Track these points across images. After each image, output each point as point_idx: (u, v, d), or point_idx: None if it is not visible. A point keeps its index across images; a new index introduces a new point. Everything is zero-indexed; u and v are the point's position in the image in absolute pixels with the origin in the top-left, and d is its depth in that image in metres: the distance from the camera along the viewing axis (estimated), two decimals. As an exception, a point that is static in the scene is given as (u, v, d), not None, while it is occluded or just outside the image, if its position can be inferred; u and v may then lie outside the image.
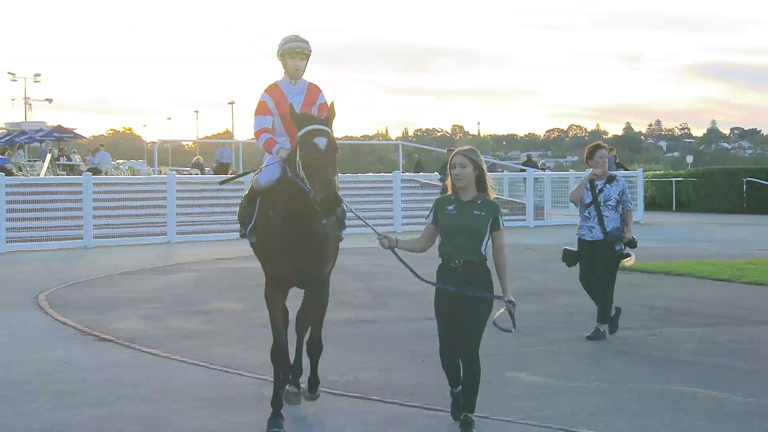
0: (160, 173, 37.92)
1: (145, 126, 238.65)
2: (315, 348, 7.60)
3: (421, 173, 35.55)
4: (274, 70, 7.93)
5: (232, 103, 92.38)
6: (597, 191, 10.65)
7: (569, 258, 10.88)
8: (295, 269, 7.14)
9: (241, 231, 7.72)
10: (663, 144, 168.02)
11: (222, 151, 39.32)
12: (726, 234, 26.73)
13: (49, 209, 24.72)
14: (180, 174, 36.72)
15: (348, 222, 7.72)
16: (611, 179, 10.74)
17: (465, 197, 6.86)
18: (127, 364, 9.76)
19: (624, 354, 10.06)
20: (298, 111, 7.20)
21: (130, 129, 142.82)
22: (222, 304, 13.53)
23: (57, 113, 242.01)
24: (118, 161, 45.23)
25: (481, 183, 6.87)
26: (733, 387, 8.46)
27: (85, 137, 64.20)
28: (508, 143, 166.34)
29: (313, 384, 7.74)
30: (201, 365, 9.52)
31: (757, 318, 12.23)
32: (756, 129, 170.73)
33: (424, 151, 61.46)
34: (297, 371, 7.96)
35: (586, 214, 10.69)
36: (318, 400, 7.85)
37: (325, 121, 6.96)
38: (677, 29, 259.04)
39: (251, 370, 9.03)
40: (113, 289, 15.22)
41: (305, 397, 7.80)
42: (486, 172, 6.92)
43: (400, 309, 12.65)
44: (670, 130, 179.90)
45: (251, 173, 7.86)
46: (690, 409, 7.75)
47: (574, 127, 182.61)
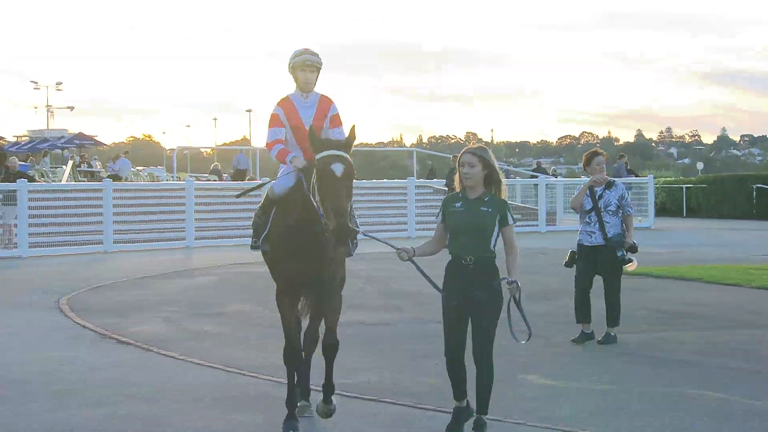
0: (179, 179, 38.06)
1: (165, 133, 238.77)
2: (330, 348, 7.31)
3: (435, 180, 35.59)
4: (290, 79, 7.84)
5: (249, 111, 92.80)
6: (597, 197, 10.64)
7: (571, 260, 10.87)
8: (304, 273, 7.10)
9: (254, 241, 7.60)
10: (674, 151, 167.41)
11: (239, 158, 39.41)
12: (735, 239, 26.66)
13: (71, 215, 24.82)
14: (198, 180, 36.84)
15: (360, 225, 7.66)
16: (610, 185, 10.74)
17: (472, 195, 6.77)
18: (146, 367, 9.84)
19: (627, 356, 10.10)
20: (311, 124, 7.22)
21: (149, 136, 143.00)
22: (237, 307, 13.59)
23: (78, 121, 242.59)
24: (137, 168, 45.39)
25: (490, 181, 6.78)
26: (734, 388, 8.51)
27: (106, 144, 64.53)
28: (520, 150, 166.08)
29: (328, 391, 7.38)
30: (216, 367, 9.60)
31: (764, 322, 12.25)
32: (766, 136, 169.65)
33: (437, 158, 61.40)
34: (305, 390, 7.79)
35: (587, 219, 10.68)
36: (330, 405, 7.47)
37: (344, 146, 6.90)
38: (688, 32, 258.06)
39: (264, 371, 9.10)
40: (132, 293, 15.31)
41: (320, 412, 7.40)
42: (497, 169, 6.83)
43: (410, 312, 12.68)
44: (680, 137, 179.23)
45: (267, 184, 7.78)
46: (691, 410, 7.80)
47: (585, 134, 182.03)
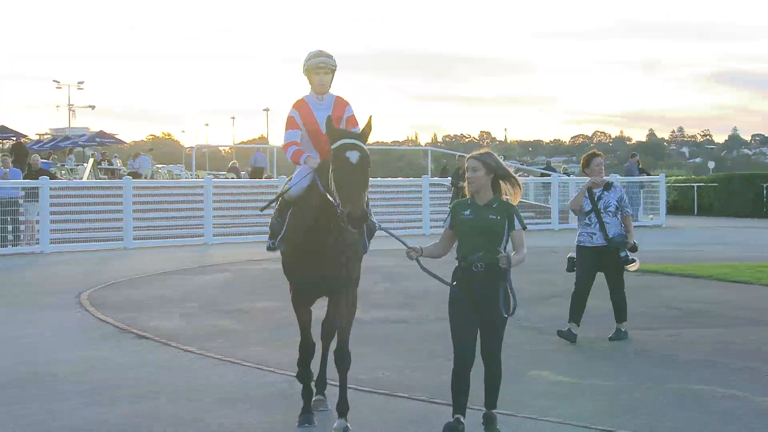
0: (197, 177, 38.13)
1: (184, 132, 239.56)
2: (343, 359, 7.11)
3: (449, 178, 35.52)
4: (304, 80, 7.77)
5: (267, 110, 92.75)
6: (596, 198, 10.58)
7: (571, 265, 10.78)
8: (321, 279, 7.00)
9: (271, 242, 7.50)
10: (685, 150, 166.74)
11: (257, 156, 39.45)
12: (746, 237, 26.53)
13: (91, 212, 24.91)
14: (216, 178, 36.88)
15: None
16: (608, 186, 10.67)
17: (480, 201, 6.71)
18: (163, 361, 9.84)
19: (641, 354, 10.02)
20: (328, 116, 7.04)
21: (169, 135, 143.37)
22: (255, 303, 13.58)
23: (99, 119, 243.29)
24: (157, 165, 45.48)
25: (498, 186, 6.72)
26: (747, 387, 8.42)
27: (126, 142, 64.76)
28: (534, 149, 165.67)
29: (343, 409, 7.07)
30: (235, 363, 9.58)
31: (775, 320, 12.15)
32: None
33: (451, 157, 61.32)
34: (322, 384, 7.81)
35: (586, 221, 10.59)
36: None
37: (360, 136, 6.78)
38: (698, 38, 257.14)
39: (282, 368, 9.05)
40: (152, 289, 15.32)
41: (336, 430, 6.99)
42: (505, 168, 6.75)
43: (424, 309, 12.63)
44: (692, 136, 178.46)
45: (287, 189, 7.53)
46: (705, 409, 7.73)
47: (598, 134, 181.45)
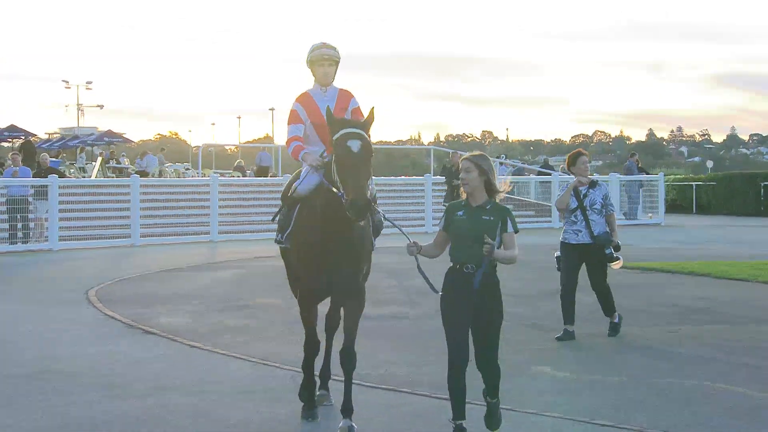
0: (203, 175, 38.13)
1: (191, 131, 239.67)
2: (349, 359, 6.97)
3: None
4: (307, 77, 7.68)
5: (272, 110, 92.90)
6: (582, 196, 10.56)
7: (559, 262, 10.74)
8: (330, 281, 6.88)
9: (279, 236, 7.39)
10: (684, 149, 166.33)
11: (262, 155, 39.48)
12: (744, 236, 26.49)
13: (99, 209, 24.93)
14: (222, 176, 36.89)
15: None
16: (594, 184, 10.66)
17: (474, 202, 6.57)
18: (172, 357, 9.83)
19: (644, 350, 10.00)
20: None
21: (176, 133, 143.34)
22: (262, 300, 13.57)
23: (107, 119, 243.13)
24: (169, 164, 45.43)
25: (491, 188, 6.58)
26: (749, 383, 8.40)
27: (134, 141, 64.77)
28: (535, 148, 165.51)
29: (347, 409, 6.93)
30: (242, 358, 9.58)
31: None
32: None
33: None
34: (326, 374, 7.77)
35: (572, 218, 10.57)
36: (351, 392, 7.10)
37: (362, 125, 6.69)
38: (699, 40, 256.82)
39: (289, 363, 9.00)
40: (159, 286, 15.32)
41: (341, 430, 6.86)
42: (492, 178, 6.57)
43: (428, 306, 12.59)
44: (691, 136, 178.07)
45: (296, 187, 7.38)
46: (706, 405, 7.71)
47: (598, 133, 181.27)
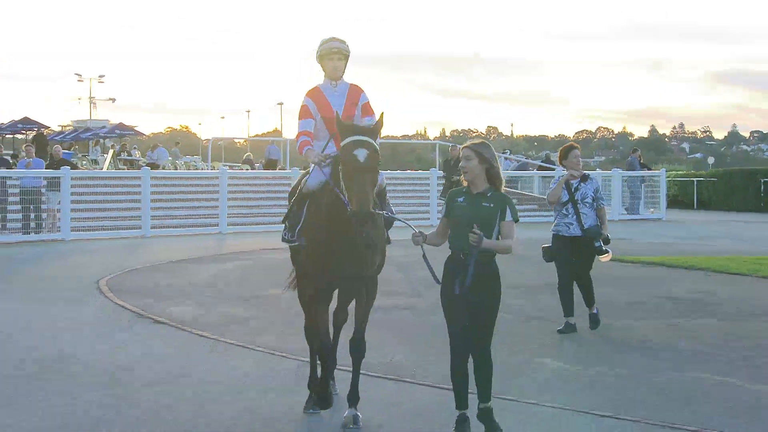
0: (213, 168, 38.13)
1: (201, 124, 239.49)
2: (358, 349, 6.91)
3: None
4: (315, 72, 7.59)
5: (280, 104, 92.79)
6: (573, 190, 10.54)
7: (548, 254, 10.67)
8: (344, 277, 6.80)
9: (289, 234, 7.21)
10: (686, 146, 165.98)
11: (271, 148, 39.44)
12: (744, 231, 26.44)
13: (111, 201, 24.97)
14: (231, 169, 36.91)
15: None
16: (585, 178, 10.61)
17: (475, 190, 6.51)
18: (180, 348, 9.84)
19: (643, 343, 9.98)
20: (341, 114, 6.83)
21: (186, 127, 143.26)
22: (270, 291, 13.56)
23: (119, 112, 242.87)
24: (185, 158, 45.47)
25: (492, 177, 6.51)
26: (747, 377, 8.40)
27: (145, 134, 64.81)
28: (539, 144, 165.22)
29: (354, 398, 6.91)
30: (249, 348, 9.59)
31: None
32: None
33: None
34: (332, 363, 7.59)
35: (563, 211, 10.52)
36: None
37: (371, 132, 6.55)
38: (700, 39, 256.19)
39: (296, 353, 9.02)
40: (169, 276, 15.34)
41: (346, 420, 6.82)
42: (495, 165, 6.51)
43: (434, 298, 12.56)
44: (692, 132, 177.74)
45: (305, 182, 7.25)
46: (705, 399, 7.71)
47: (602, 129, 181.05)
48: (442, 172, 25.26)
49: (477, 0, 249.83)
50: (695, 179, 40.63)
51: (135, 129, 53.32)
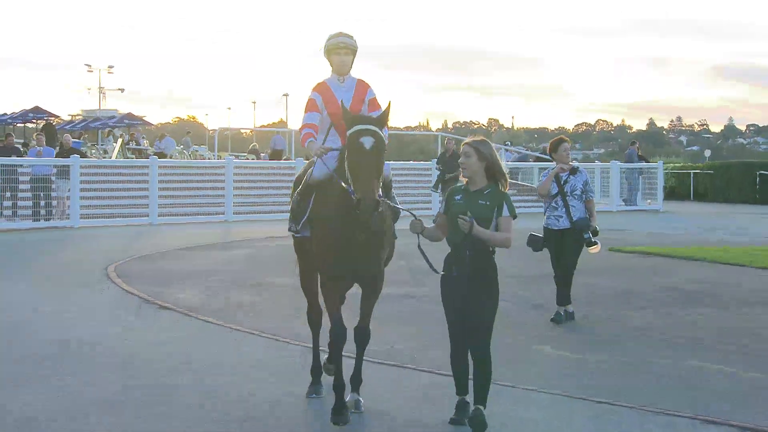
0: (219, 158, 38.12)
1: (207, 115, 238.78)
2: (363, 336, 6.87)
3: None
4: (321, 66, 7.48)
5: (286, 96, 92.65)
6: (562, 182, 10.47)
7: (535, 243, 10.47)
8: (354, 269, 6.66)
9: (293, 226, 7.14)
10: (683, 139, 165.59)
11: (276, 139, 39.44)
12: (739, 222, 26.41)
13: (119, 189, 25.00)
14: (237, 159, 36.87)
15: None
16: (574, 171, 10.53)
17: (473, 187, 6.45)
18: (185, 333, 9.85)
19: (641, 331, 9.97)
20: (348, 108, 6.70)
21: (193, 117, 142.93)
22: (275, 279, 13.57)
23: (128, 102, 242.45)
24: (182, 146, 45.43)
25: (492, 174, 6.44)
26: (742, 365, 8.39)
27: (153, 124, 64.74)
28: (539, 136, 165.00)
29: (356, 381, 6.91)
30: (254, 334, 9.58)
31: (768, 300, 12.11)
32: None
33: (460, 143, 61.04)
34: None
35: (553, 204, 10.43)
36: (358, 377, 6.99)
37: (377, 121, 6.41)
38: (699, 35, 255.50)
39: (300, 340, 8.98)
40: (176, 263, 15.34)
41: (348, 405, 6.70)
42: (496, 162, 6.42)
43: (435, 287, 12.56)
44: (690, 126, 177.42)
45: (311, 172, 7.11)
46: (701, 386, 7.70)
47: (601, 122, 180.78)
48: (437, 164, 24.93)
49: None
50: (692, 171, 40.60)
51: (143, 119, 53.30)
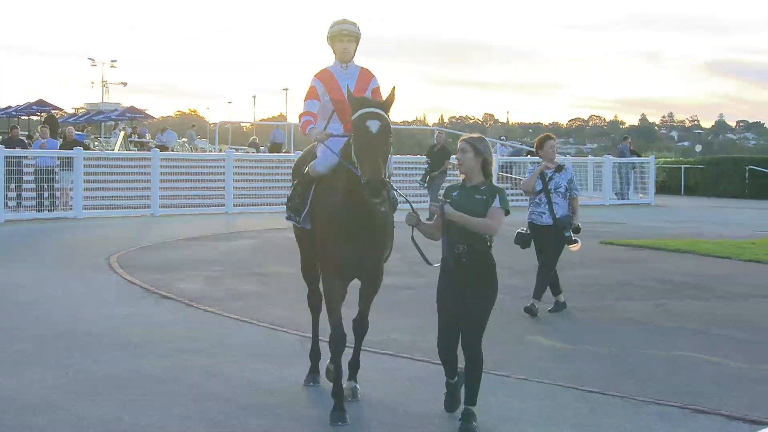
0: (220, 151, 38.09)
1: (209, 108, 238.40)
2: (361, 327, 6.89)
3: (452, 156, 35.36)
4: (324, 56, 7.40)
5: (285, 89, 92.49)
6: (547, 179, 10.44)
7: (523, 241, 10.52)
8: (358, 259, 6.49)
9: (294, 217, 6.98)
10: (675, 134, 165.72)
11: (276, 132, 39.43)
12: (729, 216, 26.41)
13: (121, 181, 24.93)
14: (237, 152, 36.85)
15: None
16: (560, 168, 10.50)
17: (469, 183, 6.37)
18: (187, 320, 9.86)
19: (632, 322, 9.99)
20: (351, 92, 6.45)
21: (195, 111, 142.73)
22: (275, 268, 13.58)
23: (131, 95, 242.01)
24: (183, 139, 45.42)
25: (487, 170, 6.37)
26: (731, 354, 8.42)
27: (155, 117, 64.67)
28: (534, 131, 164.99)
29: (354, 369, 6.94)
30: (254, 323, 9.59)
31: (756, 292, 12.11)
32: (760, 122, 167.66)
33: (456, 136, 60.95)
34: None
35: (536, 200, 10.41)
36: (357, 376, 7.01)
37: (382, 105, 6.24)
38: (691, 30, 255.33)
39: (299, 328, 8.97)
40: (177, 253, 15.34)
41: (345, 391, 6.63)
42: (489, 161, 6.33)
43: (431, 277, 12.56)
44: (681, 121, 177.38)
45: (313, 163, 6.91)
46: (691, 375, 7.72)
47: (594, 117, 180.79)
48: (425, 157, 24.64)
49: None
50: (683, 166, 40.55)
51: (145, 112, 53.20)
